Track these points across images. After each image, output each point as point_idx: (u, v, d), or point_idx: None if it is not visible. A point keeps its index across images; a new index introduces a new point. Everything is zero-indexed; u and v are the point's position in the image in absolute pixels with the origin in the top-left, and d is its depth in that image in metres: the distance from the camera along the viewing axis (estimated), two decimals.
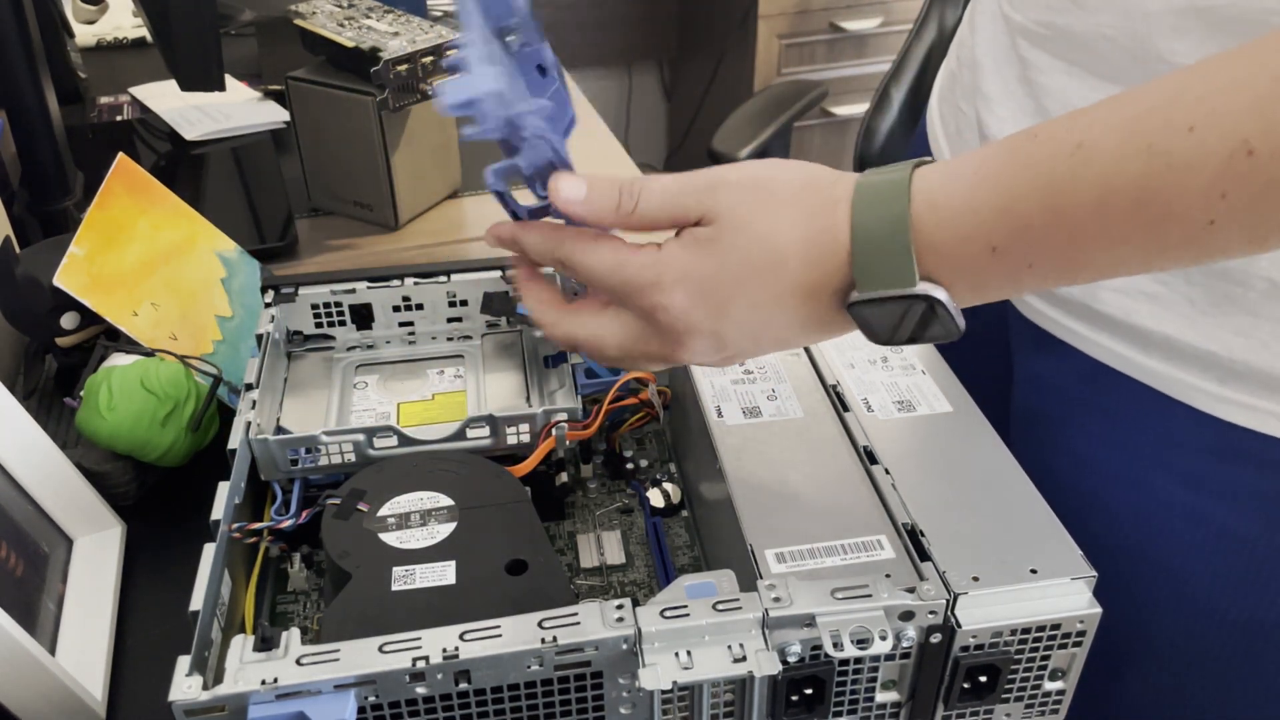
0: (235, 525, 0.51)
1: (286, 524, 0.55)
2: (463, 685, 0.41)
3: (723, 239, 0.43)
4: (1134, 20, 0.51)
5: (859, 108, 2.18)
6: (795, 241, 0.42)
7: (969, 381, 0.58)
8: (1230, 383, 0.53)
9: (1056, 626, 0.44)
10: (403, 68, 0.88)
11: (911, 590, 0.43)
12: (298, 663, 0.40)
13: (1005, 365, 0.68)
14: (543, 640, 0.41)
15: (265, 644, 0.41)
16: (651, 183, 0.45)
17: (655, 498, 0.62)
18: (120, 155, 0.74)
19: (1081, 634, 0.45)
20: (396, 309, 0.68)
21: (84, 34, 1.38)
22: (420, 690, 0.41)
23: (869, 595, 0.43)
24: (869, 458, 0.51)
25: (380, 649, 0.41)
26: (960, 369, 0.58)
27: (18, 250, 0.72)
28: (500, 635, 0.41)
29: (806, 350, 0.59)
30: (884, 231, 0.41)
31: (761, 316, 0.44)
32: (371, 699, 0.41)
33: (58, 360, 0.73)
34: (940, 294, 0.41)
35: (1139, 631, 0.60)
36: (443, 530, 0.52)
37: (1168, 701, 0.61)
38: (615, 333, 0.47)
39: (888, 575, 0.44)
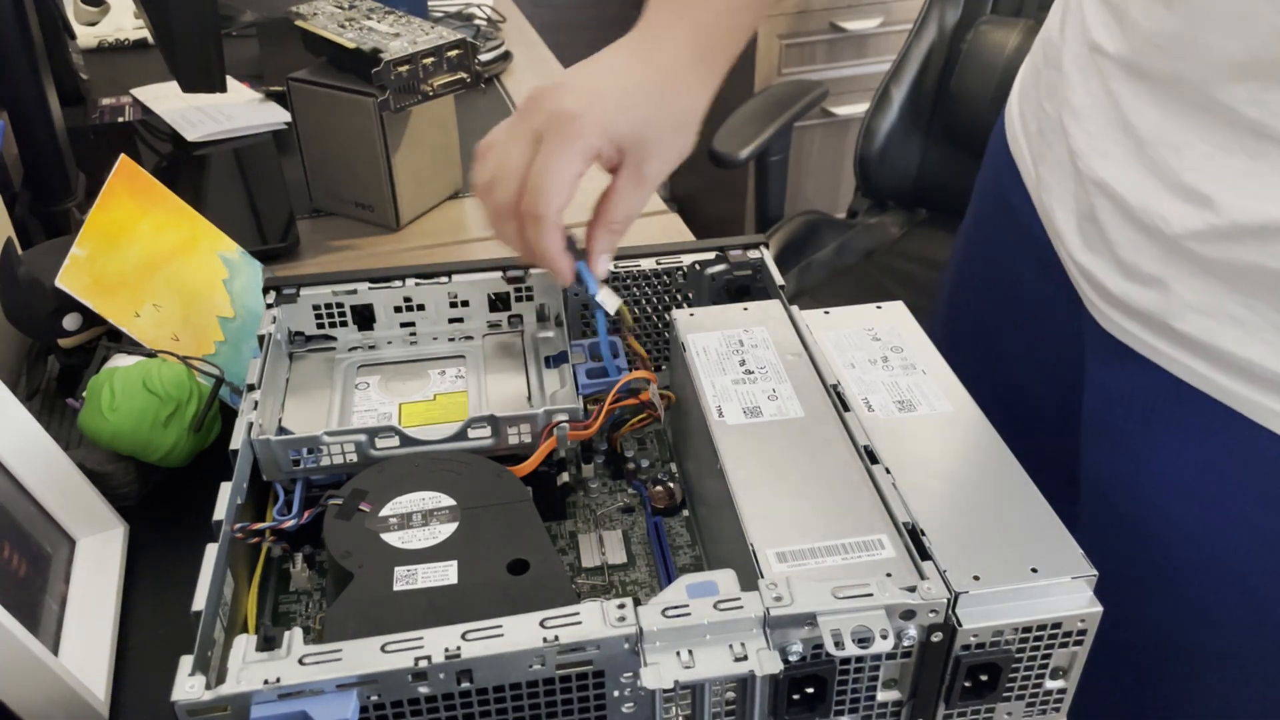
0: (237, 525, 0.51)
1: (289, 524, 0.55)
2: (465, 685, 0.41)
3: None
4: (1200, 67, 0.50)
5: (859, 108, 2.18)
6: None
7: (1038, 387, 0.55)
8: None
9: (1057, 625, 0.44)
10: (404, 69, 0.88)
11: (912, 589, 0.43)
12: (300, 662, 0.40)
13: (1077, 373, 0.66)
14: (544, 640, 0.41)
15: (268, 644, 0.41)
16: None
17: (656, 497, 0.62)
18: (122, 156, 0.74)
19: (1083, 633, 0.45)
20: (398, 309, 0.68)
21: (85, 35, 1.38)
22: (422, 690, 0.41)
23: (870, 594, 0.43)
24: (869, 457, 0.51)
25: (382, 649, 0.41)
26: (1031, 375, 0.56)
27: (20, 251, 0.72)
28: (502, 635, 0.41)
29: (807, 350, 0.59)
30: None
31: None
32: (374, 698, 0.41)
33: (60, 361, 0.73)
34: None
35: (1209, 647, 0.59)
36: (444, 530, 0.52)
37: (1238, 718, 0.60)
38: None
39: (889, 574, 0.44)
